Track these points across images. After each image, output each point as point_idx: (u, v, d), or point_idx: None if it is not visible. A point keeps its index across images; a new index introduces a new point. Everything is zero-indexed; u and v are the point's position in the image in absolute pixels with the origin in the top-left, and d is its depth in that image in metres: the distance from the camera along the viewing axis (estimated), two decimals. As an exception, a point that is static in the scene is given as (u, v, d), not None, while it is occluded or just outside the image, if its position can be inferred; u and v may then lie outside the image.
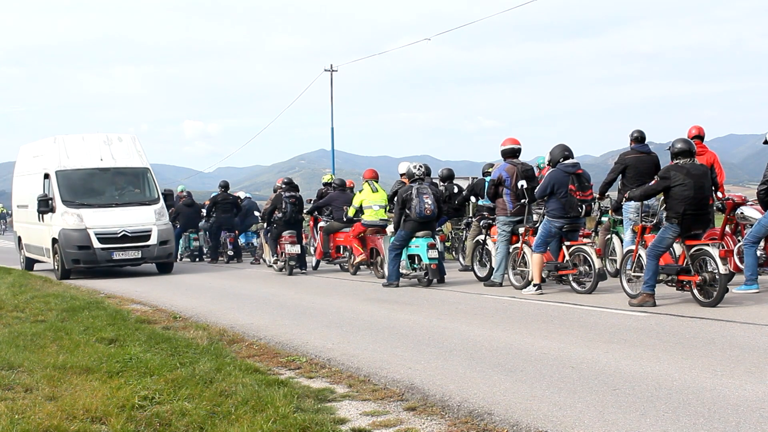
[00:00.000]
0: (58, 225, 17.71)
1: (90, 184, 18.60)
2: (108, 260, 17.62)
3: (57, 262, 18.00)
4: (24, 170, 21.13)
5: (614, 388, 5.97)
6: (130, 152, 19.21)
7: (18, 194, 21.80)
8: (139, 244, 17.83)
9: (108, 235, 17.54)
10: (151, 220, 18.12)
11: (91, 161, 18.64)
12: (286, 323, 9.99)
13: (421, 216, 13.52)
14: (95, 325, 9.73)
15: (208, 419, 5.46)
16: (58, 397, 6.18)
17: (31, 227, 19.99)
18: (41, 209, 18.03)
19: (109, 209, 17.99)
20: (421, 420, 5.49)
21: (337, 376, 6.91)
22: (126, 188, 19.06)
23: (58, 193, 17.95)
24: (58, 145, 18.74)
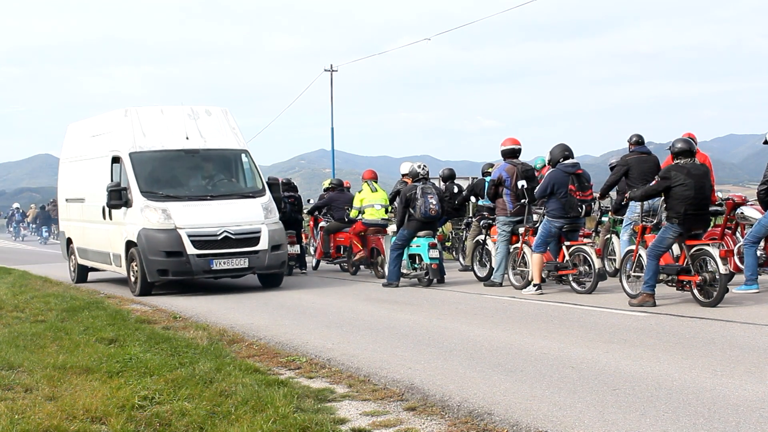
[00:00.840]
0: (137, 224, 13.41)
1: (174, 170, 14.34)
2: (205, 271, 13.25)
3: (134, 273, 13.72)
4: (77, 154, 16.42)
5: (614, 388, 5.98)
6: (223, 129, 14.70)
7: (68, 185, 17.09)
8: (245, 249, 13.39)
9: (205, 237, 13.20)
10: (259, 218, 13.74)
11: (175, 140, 14.25)
12: (286, 323, 9.99)
13: (425, 216, 13.54)
14: (95, 325, 9.73)
15: (208, 419, 5.46)
16: (58, 397, 6.18)
17: (89, 227, 15.72)
18: (112, 203, 13.66)
19: (204, 203, 13.65)
20: (421, 420, 5.49)
21: (337, 376, 6.91)
22: (219, 176, 14.80)
23: (134, 182, 13.59)
24: (130, 120, 14.25)
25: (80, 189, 16.10)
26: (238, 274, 13.84)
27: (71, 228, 16.96)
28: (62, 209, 17.80)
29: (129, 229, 13.61)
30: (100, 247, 15.14)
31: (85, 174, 15.81)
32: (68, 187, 17.08)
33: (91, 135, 15.79)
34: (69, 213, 17.16)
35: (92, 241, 15.59)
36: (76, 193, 16.48)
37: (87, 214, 15.67)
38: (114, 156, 14.29)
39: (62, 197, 17.54)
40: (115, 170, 14.30)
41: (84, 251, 16.20)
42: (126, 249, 13.79)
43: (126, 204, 13.61)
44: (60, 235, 18.37)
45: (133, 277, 13.76)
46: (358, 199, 15.99)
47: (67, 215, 17.38)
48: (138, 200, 13.47)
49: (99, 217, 14.68)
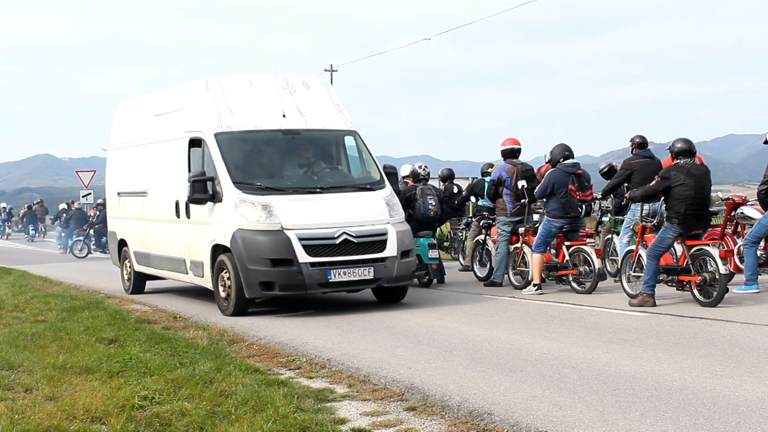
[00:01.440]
0: (229, 223, 10.51)
1: (271, 155, 11.55)
2: (321, 284, 10.30)
3: (224, 287, 10.78)
4: (135, 137, 13.61)
5: (614, 388, 5.98)
6: (325, 106, 11.91)
7: (121, 176, 14.28)
8: (369, 255, 10.53)
9: (320, 240, 10.35)
10: (383, 216, 10.89)
11: (269, 119, 11.41)
12: (286, 323, 9.99)
13: (424, 216, 13.56)
14: (95, 325, 9.73)
15: (208, 419, 5.46)
16: (58, 397, 6.18)
17: (153, 227, 12.87)
18: (196, 196, 10.80)
19: (313, 197, 10.79)
20: (421, 420, 5.49)
21: (337, 376, 6.92)
22: (324, 162, 11.93)
23: (224, 171, 10.72)
24: (213, 93, 11.37)
25: (140, 180, 13.27)
26: (359, 288, 11.00)
27: (125, 228, 14.07)
28: (112, 205, 14.95)
29: (217, 229, 10.71)
30: (170, 252, 12.22)
31: (147, 162, 13.01)
32: (121, 178, 14.23)
33: (155, 114, 12.94)
34: (122, 210, 14.24)
35: (158, 244, 12.70)
36: (133, 186, 13.61)
37: (150, 210, 12.84)
38: (193, 138, 11.43)
39: (112, 191, 14.75)
40: (193, 157, 11.46)
41: (144, 257, 13.29)
42: (212, 255, 10.89)
43: (213, 198, 10.74)
44: (109, 237, 15.52)
45: (223, 292, 10.76)
46: None
47: (119, 212, 14.44)
48: (230, 193, 10.53)
49: (169, 214, 11.95)
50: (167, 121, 12.38)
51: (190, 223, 11.49)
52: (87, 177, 40.88)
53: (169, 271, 12.64)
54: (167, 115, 12.45)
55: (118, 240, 14.46)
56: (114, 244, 14.78)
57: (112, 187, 14.76)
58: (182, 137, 11.70)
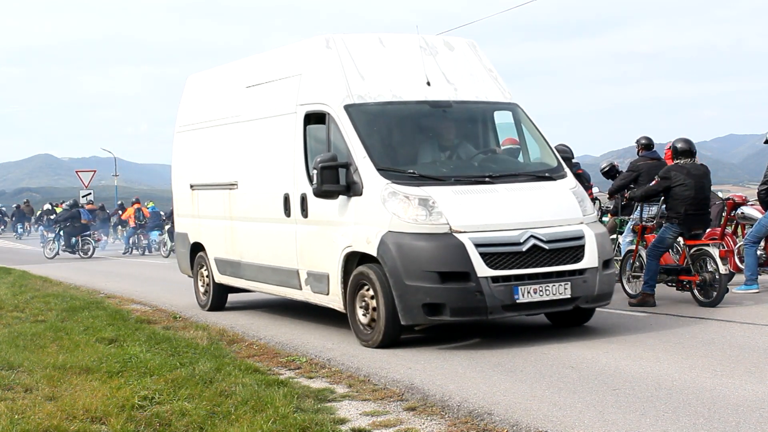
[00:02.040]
0: (375, 223, 8.00)
1: (418, 134, 9.06)
2: (507, 306, 7.75)
3: (365, 310, 8.18)
4: (217, 115, 11.00)
5: (614, 388, 5.98)
6: (476, 71, 9.43)
7: (195, 163, 11.63)
8: (565, 267, 8.03)
9: (502, 246, 7.84)
10: (575, 214, 8.41)
11: (411, 87, 8.94)
12: (286, 323, 10.00)
13: None
14: (95, 325, 9.73)
15: (208, 419, 5.46)
16: (58, 397, 6.18)
17: (246, 228, 10.28)
18: (326, 188, 8.24)
19: (484, 189, 8.27)
20: (421, 420, 5.49)
21: (337, 376, 6.92)
22: (481, 143, 9.49)
23: (363, 154, 8.23)
24: (337, 54, 8.91)
25: (225, 169, 10.62)
26: (552, 310, 8.23)
27: (202, 229, 11.38)
28: (182, 201, 12.06)
29: (354, 231, 8.19)
30: (274, 261, 9.61)
31: (236, 145, 10.37)
32: (196, 167, 11.53)
33: (247, 85, 10.36)
34: (198, 206, 11.49)
35: (254, 250, 10.11)
36: (214, 176, 10.92)
37: (242, 207, 10.28)
38: (311, 113, 8.90)
39: (182, 183, 11.99)
40: (311, 136, 8.99)
41: (231, 265, 10.62)
42: (344, 266, 8.33)
43: (347, 190, 8.24)
44: (177, 240, 12.74)
45: (364, 316, 8.14)
46: None
47: (192, 210, 11.66)
48: (375, 184, 8.03)
49: (274, 211, 9.42)
50: (267, 92, 9.90)
51: (306, 224, 8.89)
52: (87, 177, 40.93)
53: (271, 285, 9.92)
54: (267, 86, 9.92)
55: (190, 244, 11.70)
56: (184, 249, 11.95)
57: (182, 178, 11.96)
58: (293, 112, 9.16)
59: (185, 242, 11.94)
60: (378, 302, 7.90)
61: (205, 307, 11.46)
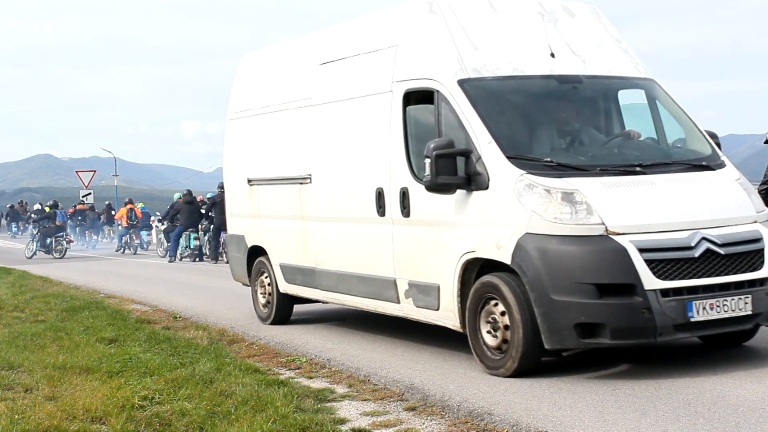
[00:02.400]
0: (507, 223, 6.59)
1: (547, 115, 7.66)
2: (679, 325, 6.31)
3: (500, 329, 6.62)
4: (283, 98, 9.48)
5: (614, 388, 5.98)
6: (603, 41, 8.06)
7: (254, 154, 10.10)
8: (743, 276, 6.59)
9: (671, 252, 6.43)
10: (748, 211, 7.01)
11: (533, 59, 7.57)
12: (285, 323, 9.99)
13: None
14: (95, 325, 9.74)
15: (208, 419, 5.46)
16: (58, 397, 6.18)
17: (321, 229, 8.82)
18: (443, 180, 6.81)
19: (637, 180, 6.86)
20: (421, 420, 5.49)
21: (337, 376, 6.92)
22: (617, 125, 8.05)
23: (488, 139, 6.83)
24: (444, 20, 7.52)
25: (295, 160, 9.15)
26: (729, 329, 6.64)
27: (264, 230, 9.87)
28: (237, 198, 10.50)
29: (479, 234, 6.73)
30: (363, 268, 8.17)
31: (309, 132, 8.93)
32: (256, 158, 10.00)
33: (322, 61, 8.88)
34: (258, 204, 9.96)
35: (334, 255, 8.63)
36: (280, 169, 9.43)
37: (318, 204, 8.78)
38: (413, 90, 7.50)
39: (236, 177, 10.43)
40: (411, 118, 7.54)
41: (304, 273, 9.10)
42: (462, 276, 6.92)
43: (468, 183, 6.79)
44: (229, 243, 11.10)
45: (492, 338, 6.68)
46: None
47: (249, 208, 10.13)
48: (505, 174, 6.61)
49: (362, 209, 8.04)
50: (350, 69, 8.47)
51: (408, 224, 7.49)
52: (87, 177, 40.93)
53: (356, 297, 8.40)
54: (350, 62, 8.49)
55: (247, 247, 10.15)
56: (240, 254, 10.38)
57: (237, 171, 10.37)
58: (388, 90, 7.76)
59: (241, 246, 10.30)
60: (512, 321, 6.40)
61: (267, 321, 9.88)
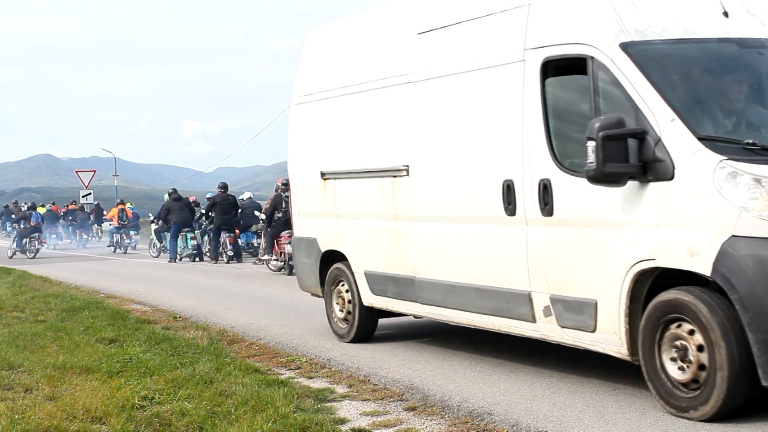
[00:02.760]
0: (704, 222, 5.16)
1: (731, 87, 6.02)
2: None
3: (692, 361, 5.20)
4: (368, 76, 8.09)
5: (614, 388, 5.98)
6: None
7: (331, 142, 8.68)
8: None
9: None
10: None
11: (704, 20, 6.09)
12: (286, 323, 9.99)
13: None
14: (95, 325, 9.74)
15: (208, 419, 5.46)
16: (58, 397, 6.18)
17: (422, 230, 7.44)
18: (613, 169, 5.40)
19: None
20: (421, 420, 5.49)
21: (337, 376, 6.92)
22: None
23: (670, 116, 5.40)
24: None
25: (384, 148, 7.77)
26: None
27: (340, 232, 8.46)
28: (304, 193, 9.07)
29: (660, 236, 5.42)
30: (486, 279, 6.77)
31: (402, 114, 7.53)
32: (330, 147, 8.60)
33: (421, 30, 7.49)
34: (333, 201, 8.53)
35: (442, 263, 7.19)
36: (364, 159, 8.04)
37: (418, 201, 7.38)
38: (554, 58, 6.18)
39: (305, 169, 9.00)
40: (554, 93, 6.26)
41: (398, 283, 7.69)
42: (631, 289, 5.61)
43: (643, 172, 5.51)
44: (296, 247, 9.43)
45: (681, 371, 5.35)
46: None
47: (323, 206, 8.68)
48: (697, 160, 5.33)
49: (480, 207, 6.74)
50: (461, 37, 7.03)
51: (550, 225, 6.14)
52: (87, 177, 40.97)
53: (474, 313, 6.93)
54: (461, 28, 7.04)
55: (321, 252, 8.70)
56: (310, 259, 8.91)
57: (307, 164, 8.93)
58: (519, 60, 6.40)
59: (312, 250, 8.84)
60: (713, 350, 5.06)
61: (346, 338, 8.41)
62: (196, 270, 20.05)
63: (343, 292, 8.53)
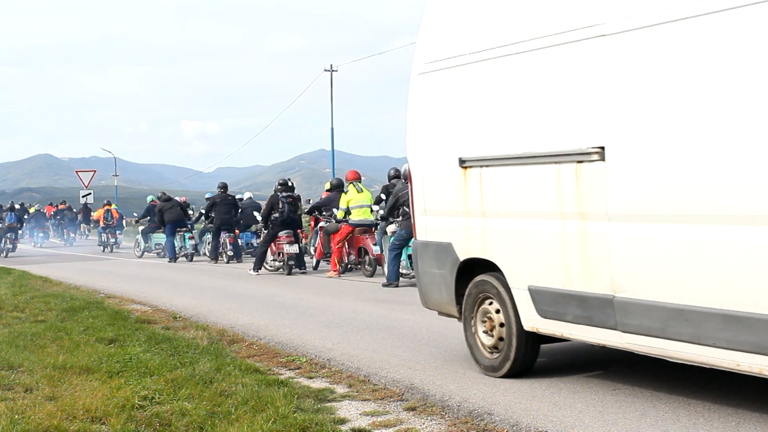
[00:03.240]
0: None
1: None
2: None
3: None
4: (535, 31, 5.97)
5: (614, 388, 5.98)
6: None
7: (479, 119, 6.54)
8: None
9: None
10: None
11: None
12: (286, 323, 10.00)
13: None
14: (95, 325, 9.74)
15: (208, 419, 5.46)
16: (58, 397, 6.18)
17: (622, 235, 5.40)
18: None
19: None
20: (421, 420, 5.49)
21: (337, 376, 6.92)
22: None
23: None
24: None
25: (561, 125, 5.90)
26: None
27: (489, 235, 6.56)
28: (434, 185, 7.15)
29: None
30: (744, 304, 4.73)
31: (593, 80, 5.61)
32: (473, 126, 6.66)
33: None
34: (479, 195, 6.61)
35: (664, 278, 5.19)
36: (528, 140, 6.14)
37: (622, 194, 5.43)
38: None
39: (434, 155, 7.10)
40: None
41: (588, 304, 5.76)
42: None
43: None
44: (418, 252, 7.46)
45: None
46: (345, 201, 16.29)
47: (463, 201, 6.79)
48: None
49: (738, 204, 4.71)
50: None
51: None
52: (87, 177, 41.02)
53: (723, 350, 4.97)
54: None
55: (458, 261, 6.83)
56: (444, 270, 7.03)
57: (437, 148, 7.02)
58: None
59: (446, 258, 6.94)
60: None
61: (497, 371, 6.50)
62: (196, 270, 20.06)
63: (492, 313, 6.56)
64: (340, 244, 16.27)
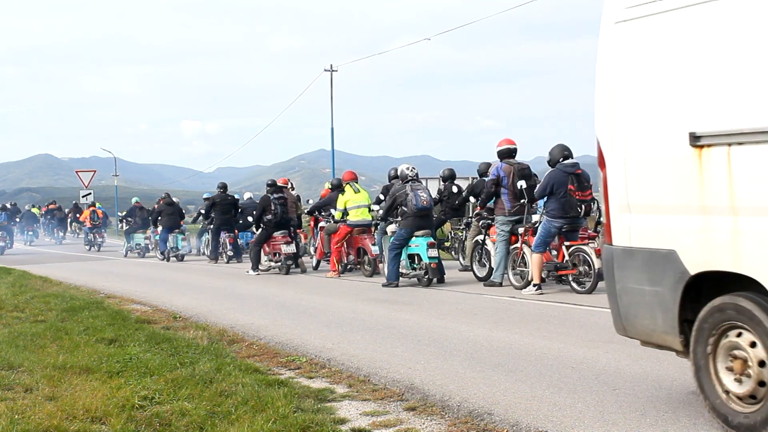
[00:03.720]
0: None
1: None
2: None
3: None
4: None
5: (614, 388, 5.98)
6: None
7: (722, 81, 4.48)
8: None
9: None
10: None
11: None
12: (286, 323, 10.00)
13: (419, 208, 13.63)
14: (95, 325, 9.73)
15: (208, 419, 5.46)
16: (58, 397, 6.18)
17: None
18: None
19: None
20: (421, 420, 5.49)
21: (337, 376, 6.92)
22: None
23: None
24: None
25: None
26: None
27: (745, 241, 4.44)
28: (647, 171, 5.11)
29: None
30: None
31: None
32: (709, 91, 4.60)
33: None
34: (723, 185, 4.53)
35: None
36: None
37: None
38: None
39: (643, 130, 5.13)
40: None
41: None
42: None
43: None
44: (605, 261, 5.63)
45: None
46: (342, 201, 16.32)
47: (698, 194, 4.72)
48: None
49: None
50: None
51: None
52: (87, 177, 41.02)
53: None
54: None
55: (689, 275, 4.86)
56: (662, 287, 5.10)
57: (654, 118, 5.07)
58: None
59: (663, 271, 5.08)
60: None
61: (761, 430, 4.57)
62: (196, 270, 20.06)
63: (745, 347, 4.67)
64: (339, 244, 16.29)
